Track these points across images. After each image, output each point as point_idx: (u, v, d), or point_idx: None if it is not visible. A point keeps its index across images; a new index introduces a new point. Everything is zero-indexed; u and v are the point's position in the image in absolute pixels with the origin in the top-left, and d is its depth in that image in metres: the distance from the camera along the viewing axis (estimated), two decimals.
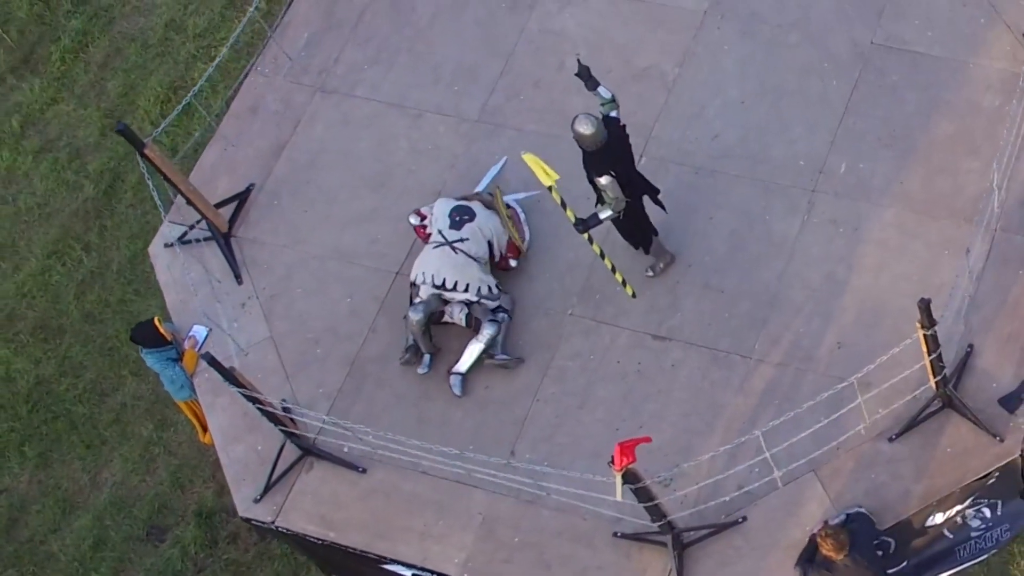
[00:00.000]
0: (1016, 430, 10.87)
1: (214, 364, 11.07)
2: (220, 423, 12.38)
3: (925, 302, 9.88)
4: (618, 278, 11.94)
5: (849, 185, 12.24)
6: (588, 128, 11.18)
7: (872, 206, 12.10)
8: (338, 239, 13.08)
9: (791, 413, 10.57)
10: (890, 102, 12.51)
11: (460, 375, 12.07)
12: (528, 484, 11.05)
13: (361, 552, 11.65)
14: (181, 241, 13.11)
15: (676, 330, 11.99)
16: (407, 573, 11.68)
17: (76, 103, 16.77)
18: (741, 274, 12.08)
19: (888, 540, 11.01)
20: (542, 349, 12.15)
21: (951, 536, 11.41)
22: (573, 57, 13.11)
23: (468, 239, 12.20)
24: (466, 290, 12.05)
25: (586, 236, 11.58)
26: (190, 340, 12.65)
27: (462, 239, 12.18)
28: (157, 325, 12.47)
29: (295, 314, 12.77)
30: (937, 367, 10.54)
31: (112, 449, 14.35)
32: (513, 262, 12.48)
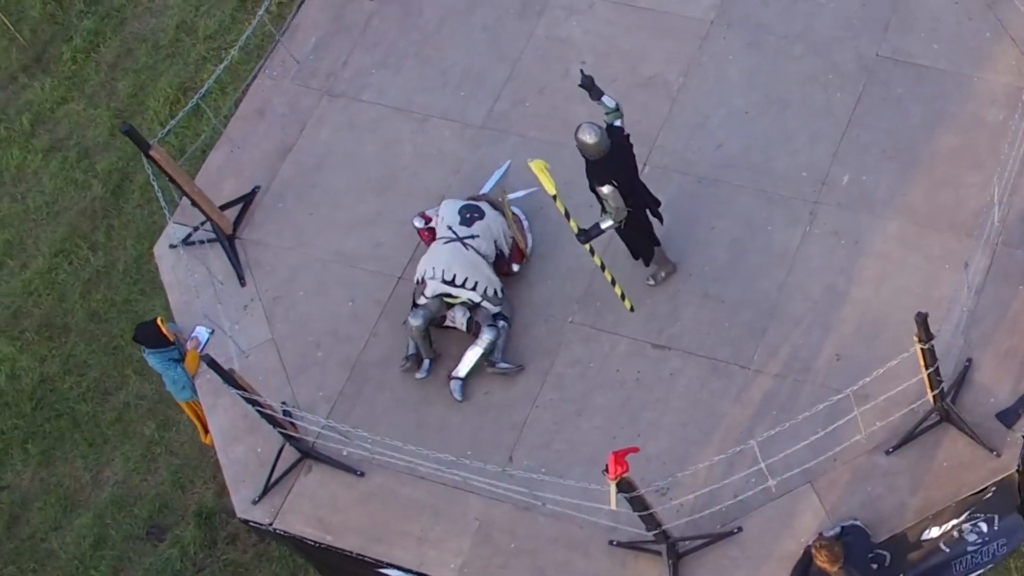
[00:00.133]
0: (1013, 445, 10.86)
1: (214, 366, 11.12)
2: (221, 424, 12.42)
3: (922, 316, 9.88)
4: (617, 291, 11.96)
5: (851, 197, 12.24)
6: (591, 137, 11.20)
7: (874, 218, 12.10)
8: (342, 242, 13.12)
9: (786, 424, 10.58)
10: (894, 115, 12.52)
11: (460, 380, 12.10)
12: (524, 493, 11.08)
13: (358, 555, 11.68)
14: (186, 242, 13.17)
15: (675, 339, 12.01)
16: None
17: (86, 103, 16.86)
18: (741, 284, 12.09)
19: (883, 553, 11.00)
20: (542, 355, 12.18)
21: (947, 550, 11.41)
22: (579, 65, 13.25)
23: (479, 236, 12.20)
24: (474, 288, 12.03)
25: (588, 247, 11.61)
26: (192, 341, 12.70)
27: (473, 236, 12.19)
28: (160, 326, 12.52)
29: (297, 316, 12.82)
30: (935, 381, 10.53)
31: (114, 448, 14.43)
32: (515, 267, 12.50)
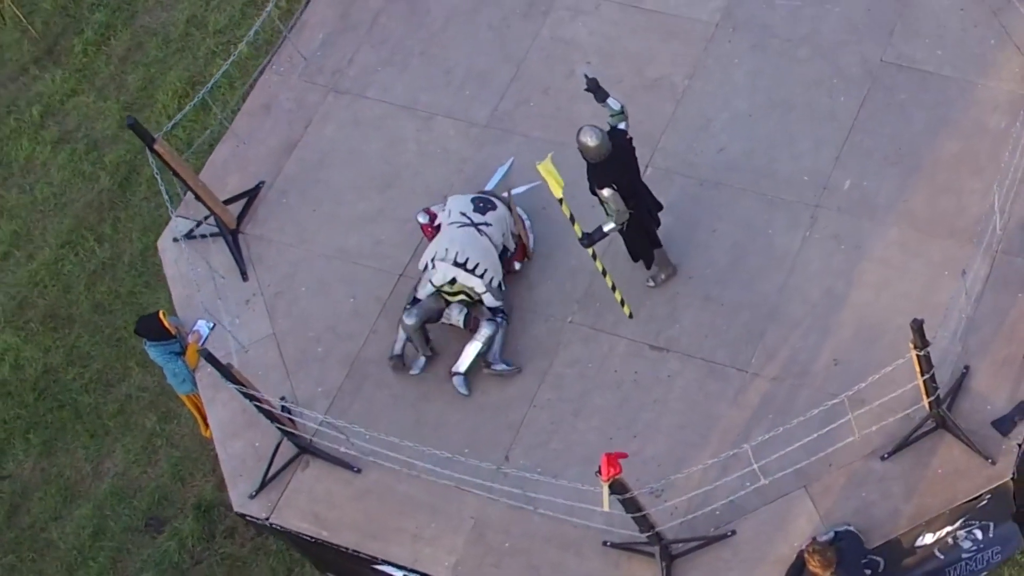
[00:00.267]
0: (1008, 453, 10.84)
1: (212, 360, 11.16)
2: (220, 418, 12.47)
3: (918, 323, 9.88)
4: (617, 297, 11.98)
5: (853, 201, 12.24)
6: (592, 140, 11.20)
7: (875, 223, 12.09)
8: (344, 239, 13.16)
9: (780, 428, 10.58)
10: (897, 120, 12.50)
11: (461, 375, 12.12)
12: (518, 494, 11.10)
13: (353, 552, 11.72)
14: (189, 236, 13.22)
15: (674, 341, 12.02)
16: (398, 574, 11.76)
17: (96, 95, 16.92)
18: (741, 287, 12.10)
19: (877, 559, 11.00)
20: (541, 355, 12.20)
21: (942, 556, 11.41)
22: (584, 65, 13.26)
23: (492, 225, 12.21)
24: (482, 275, 12.01)
25: (590, 251, 11.62)
26: (194, 335, 12.75)
27: (487, 223, 12.21)
28: (162, 319, 12.58)
29: (298, 312, 12.86)
30: (930, 387, 10.52)
31: (115, 440, 14.48)
32: (517, 265, 12.52)
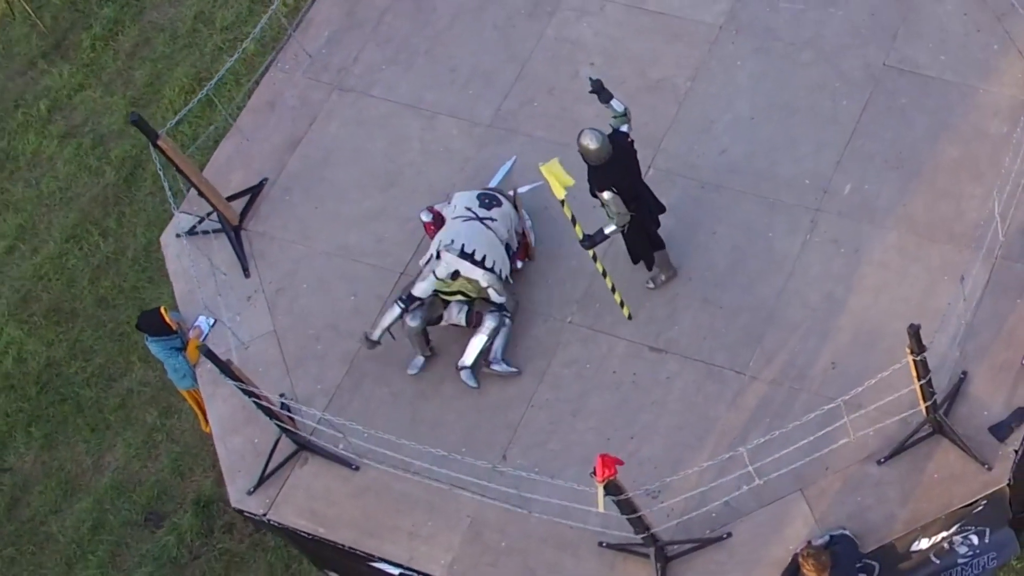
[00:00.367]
0: (1004, 459, 10.84)
1: (211, 357, 11.21)
2: (220, 414, 12.51)
3: (915, 328, 9.87)
4: (617, 299, 11.99)
5: (853, 205, 12.24)
6: (593, 143, 11.21)
7: (874, 228, 12.09)
8: (345, 237, 13.19)
9: (776, 432, 10.60)
10: (899, 124, 12.50)
11: (468, 368, 12.13)
12: (514, 494, 11.13)
13: (349, 549, 11.75)
14: (191, 232, 13.26)
15: (673, 343, 12.03)
16: (394, 572, 11.78)
17: (103, 90, 16.98)
18: (740, 290, 12.11)
19: (872, 563, 11.00)
20: (539, 355, 12.22)
21: (937, 561, 11.41)
22: (588, 67, 13.28)
23: (497, 220, 12.24)
24: (491, 268, 11.97)
25: (591, 253, 11.64)
26: (195, 330, 12.80)
27: (492, 219, 12.23)
28: (163, 314, 12.62)
29: (299, 309, 12.90)
30: (927, 392, 10.52)
31: (116, 434, 14.54)
32: (519, 263, 12.54)
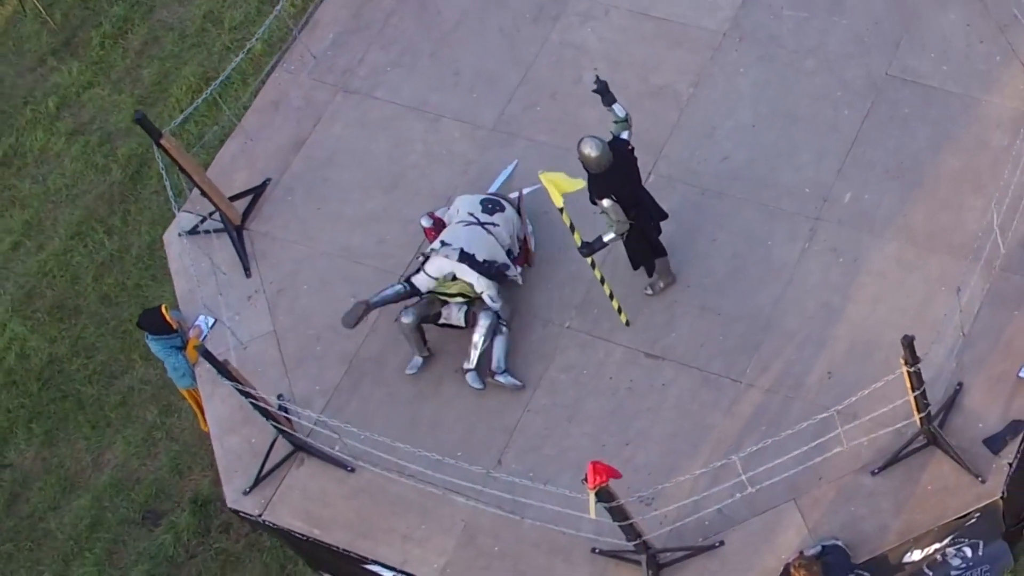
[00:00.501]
0: (998, 472, 10.82)
1: (208, 357, 11.23)
2: (218, 413, 12.55)
3: (908, 339, 9.86)
4: (614, 305, 12.00)
5: (852, 215, 12.22)
6: (593, 151, 11.22)
7: (874, 237, 12.08)
8: (347, 238, 13.22)
9: (768, 440, 10.59)
10: (900, 134, 12.49)
11: (472, 370, 12.15)
12: (507, 500, 11.15)
13: (343, 551, 11.78)
14: (192, 232, 13.29)
15: (670, 349, 12.03)
16: (388, 574, 11.80)
17: (111, 88, 17.04)
18: (738, 297, 12.10)
19: (864, 574, 10.98)
20: (537, 360, 12.23)
21: (930, 573, 11.41)
22: (590, 72, 13.28)
23: (499, 225, 12.26)
24: (487, 272, 12.00)
25: (589, 260, 11.65)
26: (195, 329, 12.84)
27: (494, 224, 12.26)
28: (164, 313, 12.66)
29: (299, 310, 12.93)
30: (921, 404, 10.51)
31: (116, 431, 14.58)
32: (519, 268, 12.54)
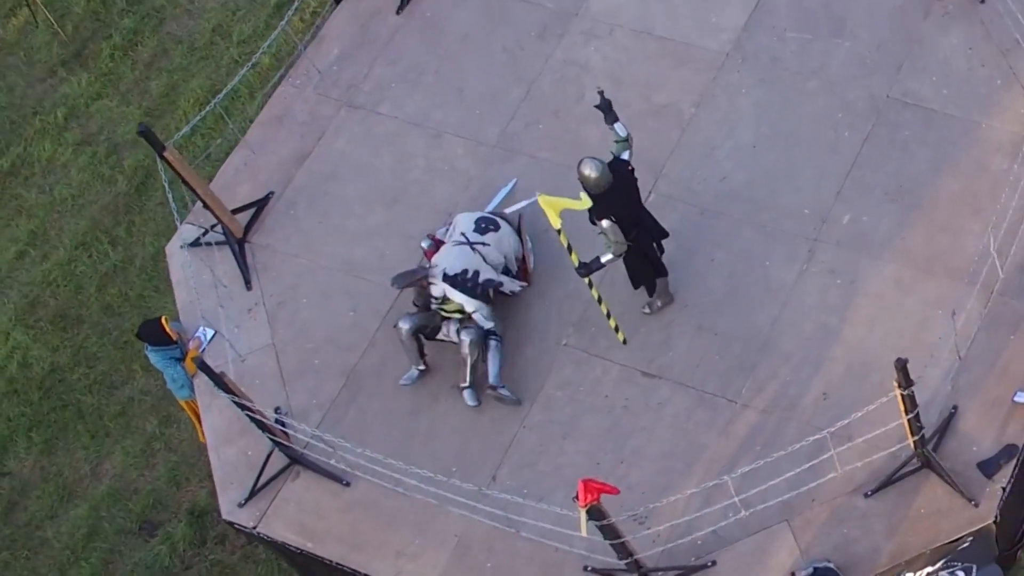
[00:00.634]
0: (992, 496, 10.79)
1: (205, 369, 11.27)
2: (215, 424, 12.59)
3: (902, 362, 9.86)
4: (611, 324, 12.02)
5: (851, 236, 12.23)
6: (592, 171, 11.25)
7: (871, 259, 12.08)
8: (348, 252, 13.27)
9: (760, 461, 10.58)
10: (900, 157, 12.50)
11: (468, 388, 12.19)
12: (501, 515, 11.16)
13: (337, 564, 11.79)
14: (194, 244, 13.35)
15: (666, 368, 12.04)
16: None
17: (120, 100, 17.14)
18: (735, 318, 12.11)
19: None
20: (534, 376, 12.25)
21: None
22: (594, 89, 13.30)
23: (489, 245, 12.33)
24: (475, 293, 12.08)
25: (587, 280, 11.67)
26: (194, 341, 12.88)
27: (484, 243, 12.32)
28: (164, 324, 12.71)
29: (298, 323, 12.97)
30: (915, 427, 10.49)
31: (115, 442, 14.64)
32: (518, 286, 12.58)
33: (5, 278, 16.10)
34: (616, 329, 12.08)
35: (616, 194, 11.42)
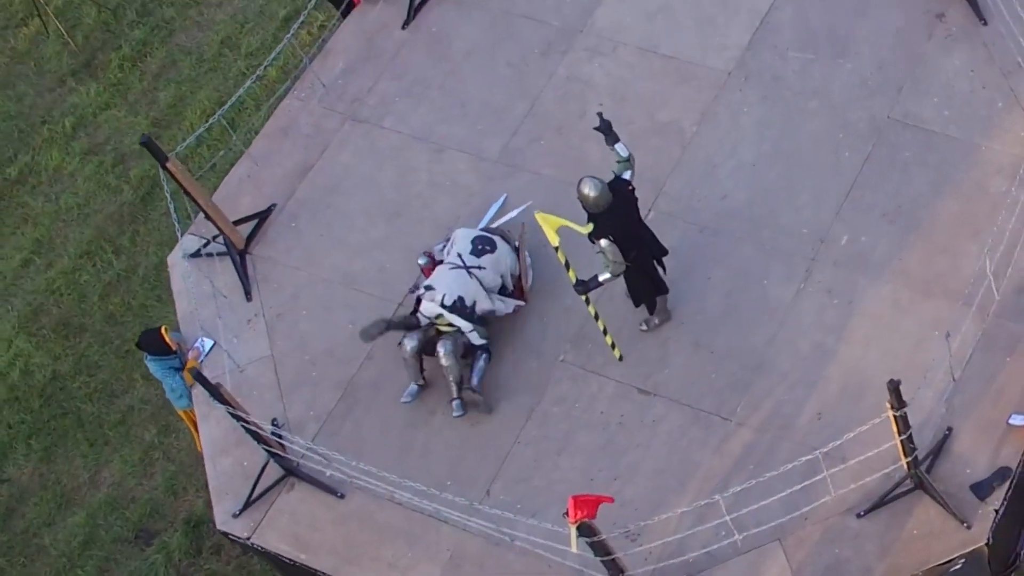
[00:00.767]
0: (984, 518, 10.76)
1: (201, 380, 11.33)
2: (212, 434, 12.62)
3: (895, 383, 9.86)
4: (608, 341, 12.03)
5: (849, 256, 12.22)
6: (592, 191, 11.26)
7: (869, 280, 12.07)
8: (348, 264, 13.31)
9: (752, 481, 10.57)
10: (900, 178, 12.49)
11: (456, 399, 12.22)
12: (493, 528, 11.15)
13: None
14: (194, 255, 13.40)
15: (662, 386, 12.03)
16: None
17: (128, 110, 17.24)
18: (732, 336, 12.10)
19: None
20: (530, 392, 12.25)
21: None
22: (597, 107, 13.35)
23: (486, 268, 12.36)
24: (471, 317, 12.14)
25: (584, 297, 11.69)
26: (193, 351, 12.92)
27: (480, 267, 12.35)
28: (163, 334, 12.76)
29: (297, 335, 13.00)
30: (908, 448, 10.47)
31: (114, 450, 14.69)
32: (514, 304, 12.61)
33: (10, 286, 16.19)
34: (612, 346, 12.09)
35: (616, 213, 11.43)
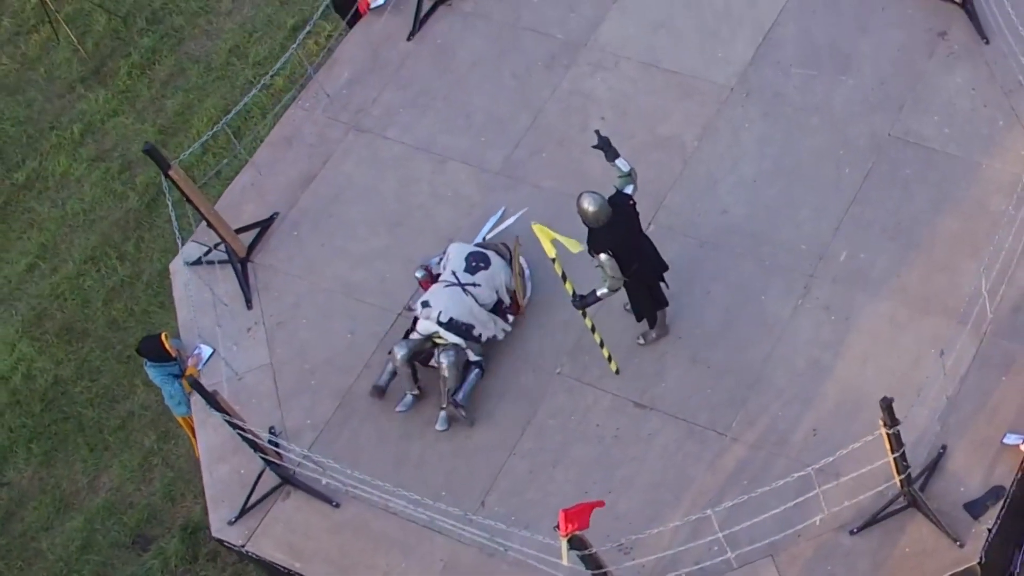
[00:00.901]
0: (977, 537, 10.75)
1: (198, 387, 11.37)
2: (209, 442, 12.65)
3: (887, 401, 9.86)
4: (604, 354, 12.04)
5: (847, 273, 12.23)
6: (591, 206, 11.28)
7: (867, 296, 12.07)
8: (349, 274, 13.34)
9: (746, 496, 10.56)
10: (900, 195, 12.50)
11: (444, 409, 12.26)
12: (486, 539, 11.17)
13: None
14: (195, 263, 13.44)
15: (658, 400, 12.04)
16: None
17: (135, 117, 17.30)
18: (729, 351, 12.11)
19: None
20: (526, 404, 12.27)
21: None
22: (598, 121, 13.40)
23: (480, 285, 12.40)
24: (465, 335, 12.22)
25: (581, 310, 11.72)
26: (193, 358, 12.96)
27: (475, 284, 12.39)
28: (163, 341, 12.80)
29: (297, 343, 13.04)
30: (901, 466, 10.47)
31: (113, 455, 14.73)
32: (510, 317, 12.63)
33: (14, 290, 16.25)
34: (609, 359, 12.11)
35: (616, 228, 11.45)
